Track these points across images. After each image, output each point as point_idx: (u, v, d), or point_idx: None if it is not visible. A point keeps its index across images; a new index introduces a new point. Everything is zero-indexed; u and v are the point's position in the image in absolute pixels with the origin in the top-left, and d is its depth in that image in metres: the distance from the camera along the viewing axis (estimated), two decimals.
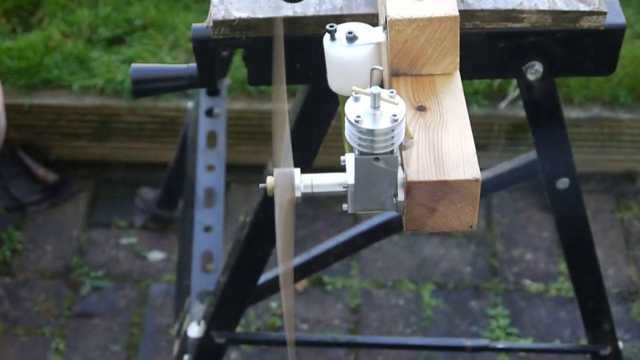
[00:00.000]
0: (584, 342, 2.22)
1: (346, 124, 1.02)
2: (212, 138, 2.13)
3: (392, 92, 1.01)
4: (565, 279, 2.38)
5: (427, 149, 1.07)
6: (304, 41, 1.25)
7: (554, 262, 2.42)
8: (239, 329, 1.76)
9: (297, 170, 1.08)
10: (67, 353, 2.25)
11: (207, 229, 1.98)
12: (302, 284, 2.36)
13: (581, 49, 1.28)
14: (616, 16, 1.29)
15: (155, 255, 2.44)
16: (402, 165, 1.06)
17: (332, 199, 2.54)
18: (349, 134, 1.02)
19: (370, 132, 1.00)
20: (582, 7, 1.25)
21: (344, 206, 1.09)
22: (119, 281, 2.39)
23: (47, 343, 2.26)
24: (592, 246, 1.60)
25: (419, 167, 1.06)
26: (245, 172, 2.59)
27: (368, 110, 1.01)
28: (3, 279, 2.38)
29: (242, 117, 2.52)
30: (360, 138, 1.01)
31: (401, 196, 1.06)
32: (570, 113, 2.48)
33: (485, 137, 2.51)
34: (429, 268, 2.41)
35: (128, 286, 2.38)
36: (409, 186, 1.05)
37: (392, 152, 1.02)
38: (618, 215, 2.52)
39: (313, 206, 2.53)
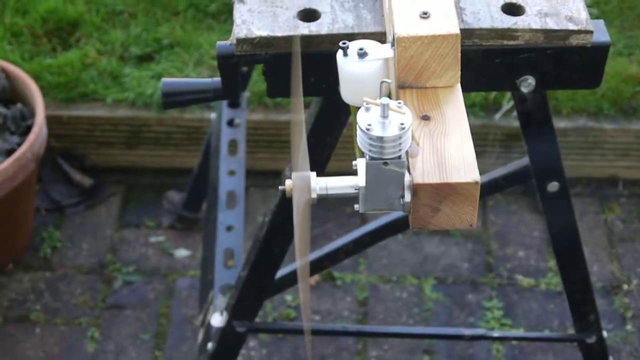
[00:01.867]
0: (571, 331, 2.21)
1: (358, 131, 1.02)
2: (233, 146, 2.13)
3: (399, 103, 1.01)
4: (553, 274, 2.37)
5: (431, 155, 1.07)
6: (318, 57, 1.25)
7: (543, 259, 2.41)
8: (257, 320, 1.75)
9: (313, 174, 1.08)
10: (101, 341, 2.25)
11: (229, 228, 1.98)
12: (314, 279, 2.36)
13: (570, 64, 1.28)
14: (601, 35, 1.28)
15: (181, 253, 2.44)
16: (408, 169, 1.06)
17: (342, 202, 2.54)
18: (361, 140, 1.02)
19: (380, 139, 1.00)
20: (571, 27, 1.24)
21: (356, 206, 1.09)
22: (148, 276, 2.39)
23: (83, 332, 2.26)
24: (579, 243, 1.60)
25: (424, 171, 1.05)
26: (263, 177, 2.59)
27: (378, 119, 1.01)
28: (44, 273, 2.38)
29: (259, 127, 2.52)
30: (370, 144, 1.01)
31: (408, 197, 1.06)
32: (559, 123, 2.47)
33: (481, 145, 2.51)
34: (430, 264, 2.40)
35: (156, 281, 2.38)
36: (415, 188, 1.05)
37: (399, 157, 1.02)
38: (602, 217, 2.51)
39: (324, 208, 2.53)
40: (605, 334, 1.80)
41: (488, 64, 1.26)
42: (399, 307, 2.31)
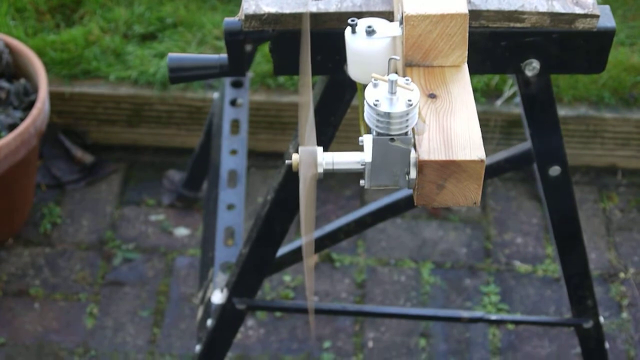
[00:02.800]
0: (568, 317, 2.22)
1: (365, 107, 1.03)
2: (235, 125, 2.14)
3: (407, 80, 1.02)
4: (551, 261, 2.39)
5: (437, 132, 1.08)
6: (326, 36, 1.26)
7: (541, 245, 2.43)
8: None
9: (320, 149, 1.09)
10: (100, 317, 2.26)
11: (230, 207, 1.99)
12: (313, 259, 2.37)
13: (575, 48, 1.29)
14: (607, 20, 1.29)
15: (181, 231, 2.45)
16: (414, 146, 1.07)
17: (342, 184, 2.55)
18: (368, 116, 1.03)
19: (387, 114, 1.01)
20: (578, 10, 1.25)
21: (361, 182, 1.10)
22: (147, 254, 2.40)
23: (82, 308, 2.28)
24: (578, 227, 1.61)
25: (429, 148, 1.06)
26: (263, 158, 2.60)
27: (386, 95, 1.02)
28: (44, 249, 2.39)
29: (261, 108, 2.53)
30: (378, 120, 1.02)
31: (413, 174, 1.07)
32: (560, 111, 2.48)
33: (483, 131, 2.51)
34: (428, 248, 2.42)
35: (156, 258, 2.39)
36: (421, 165, 1.06)
37: (406, 133, 1.03)
38: (600, 205, 2.53)
39: (324, 190, 2.54)
40: (602, 319, 1.81)
41: (494, 47, 1.27)
42: (396, 290, 2.32)
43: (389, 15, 1.23)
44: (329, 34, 1.25)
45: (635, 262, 2.40)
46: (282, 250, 1.71)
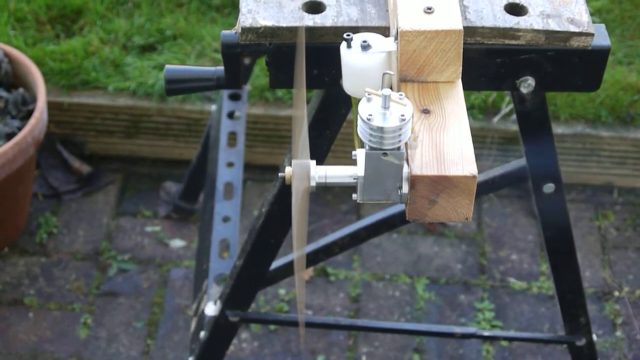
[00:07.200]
0: (561, 334, 2.22)
1: (359, 121, 1.03)
2: (232, 138, 2.15)
3: (401, 95, 1.03)
4: (546, 278, 2.39)
5: (430, 147, 1.08)
6: (322, 50, 1.26)
7: (536, 263, 2.43)
8: (249, 312, 1.76)
9: (313, 162, 1.10)
10: (94, 327, 2.26)
11: (226, 219, 1.99)
12: (308, 273, 2.37)
13: (570, 66, 1.29)
14: (602, 39, 1.30)
15: (177, 243, 2.46)
16: (407, 160, 1.07)
17: (338, 199, 2.55)
18: (361, 130, 1.03)
19: (380, 129, 1.02)
20: (573, 28, 1.26)
21: (354, 196, 1.10)
22: (143, 265, 2.40)
23: (76, 318, 2.28)
24: (572, 245, 1.61)
25: (422, 163, 1.07)
26: (260, 172, 2.60)
27: (379, 110, 1.02)
28: (39, 258, 2.39)
29: (259, 121, 2.53)
30: (371, 134, 1.02)
31: (405, 188, 1.07)
32: (556, 129, 2.49)
33: (479, 147, 2.52)
34: (423, 264, 2.42)
35: (151, 270, 2.39)
36: (413, 180, 1.06)
37: (399, 148, 1.03)
38: (596, 223, 2.53)
39: (320, 204, 2.54)
40: (595, 337, 1.81)
41: (489, 63, 1.28)
42: (391, 305, 2.32)
43: (384, 31, 1.23)
44: (324, 48, 1.26)
45: (630, 280, 2.40)
46: (277, 263, 1.71)
